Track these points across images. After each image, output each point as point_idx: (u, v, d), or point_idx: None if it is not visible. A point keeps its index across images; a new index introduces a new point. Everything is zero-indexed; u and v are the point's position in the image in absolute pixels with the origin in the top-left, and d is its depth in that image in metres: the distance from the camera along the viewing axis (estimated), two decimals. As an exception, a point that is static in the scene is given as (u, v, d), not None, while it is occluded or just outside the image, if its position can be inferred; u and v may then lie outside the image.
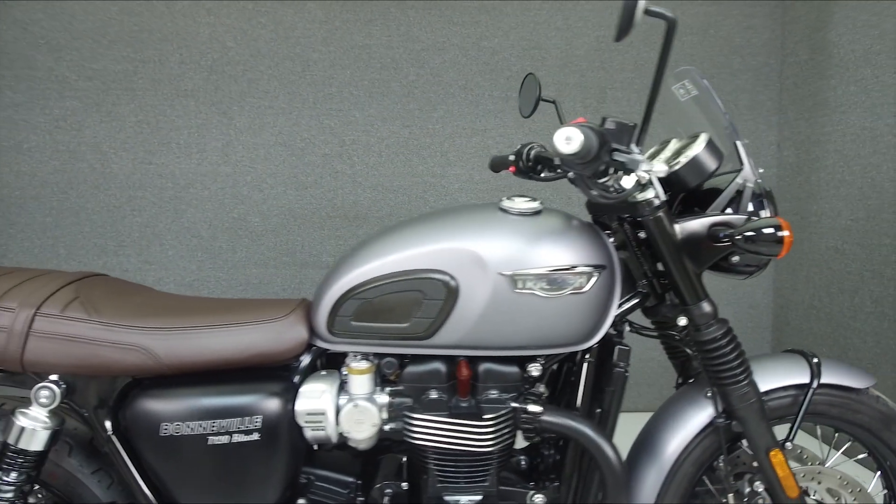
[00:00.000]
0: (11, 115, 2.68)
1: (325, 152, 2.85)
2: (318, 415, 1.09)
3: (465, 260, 1.07)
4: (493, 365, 1.12)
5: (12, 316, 1.04)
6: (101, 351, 1.05)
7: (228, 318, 1.11)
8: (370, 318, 1.09)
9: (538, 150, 1.36)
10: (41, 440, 1.05)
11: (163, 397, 1.07)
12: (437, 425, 1.08)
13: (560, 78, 2.92)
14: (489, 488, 1.11)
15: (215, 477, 1.07)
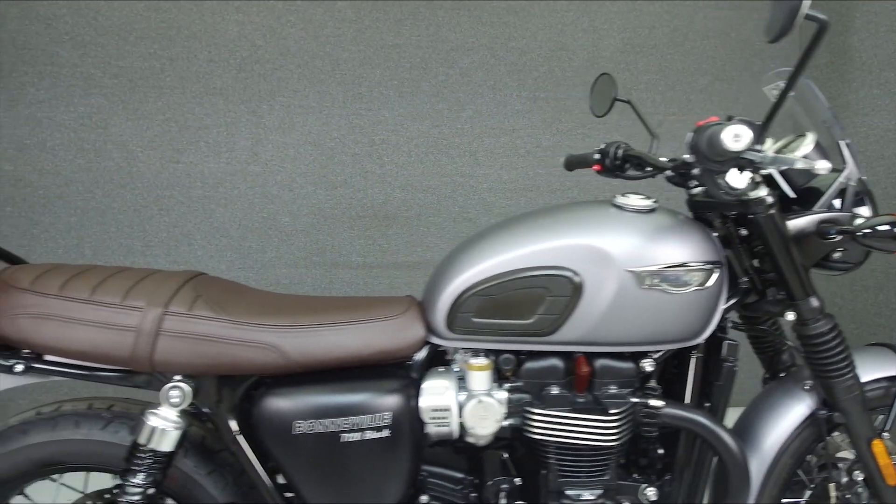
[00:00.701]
0: (35, 113, 2.62)
1: (355, 152, 2.84)
2: (444, 411, 1.10)
3: (591, 256, 1.09)
4: (609, 361, 1.14)
5: (141, 315, 1.02)
6: (232, 350, 1.04)
7: (349, 315, 1.11)
8: (493, 314, 1.10)
9: (626, 149, 1.38)
10: (171, 440, 1.04)
11: (294, 396, 1.06)
12: (561, 420, 1.09)
13: (586, 79, 2.94)
14: (609, 482, 1.13)
15: (346, 474, 1.07)
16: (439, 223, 2.91)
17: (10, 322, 1.01)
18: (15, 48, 2.58)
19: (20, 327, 1.01)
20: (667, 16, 2.98)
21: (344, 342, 1.08)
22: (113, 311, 1.02)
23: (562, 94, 2.93)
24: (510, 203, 2.94)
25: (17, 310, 1.01)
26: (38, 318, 1.01)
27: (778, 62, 3.01)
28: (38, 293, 1.02)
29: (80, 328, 1.01)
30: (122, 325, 1.02)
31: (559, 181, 2.96)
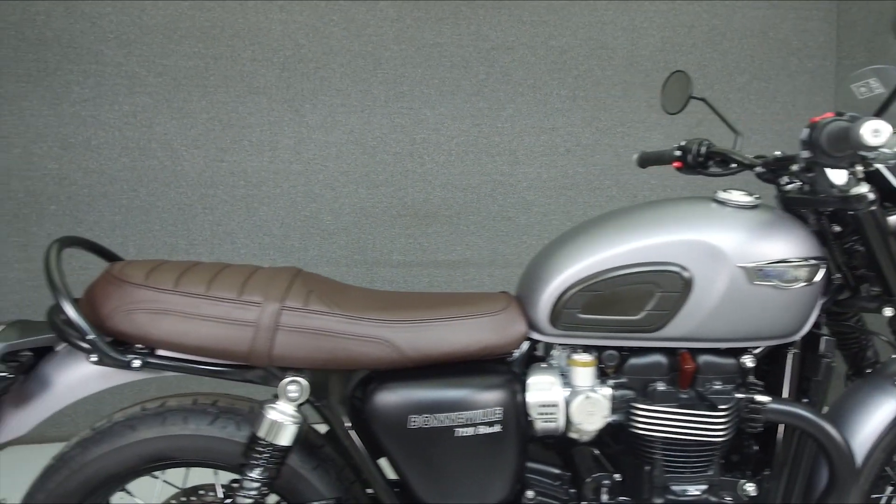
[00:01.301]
0: (79, 111, 2.62)
1: (396, 151, 2.84)
2: (551, 406, 1.10)
3: (701, 252, 1.09)
4: (712, 357, 1.15)
5: (259, 310, 1.03)
6: (347, 344, 1.05)
7: (454, 311, 1.11)
8: (600, 310, 1.11)
9: (710, 146, 1.38)
10: (289, 435, 1.04)
11: (409, 390, 1.07)
12: (668, 416, 1.10)
13: (625, 77, 2.96)
14: (713, 477, 1.14)
15: (459, 469, 1.07)
16: (479, 222, 2.92)
17: (126, 317, 1.01)
18: (60, 46, 2.59)
19: (138, 322, 1.01)
20: (706, 15, 2.98)
21: (452, 337, 1.09)
22: (231, 307, 1.03)
23: (602, 92, 2.94)
24: (550, 201, 2.95)
25: (133, 305, 1.02)
26: (156, 314, 1.01)
27: (816, 61, 3.03)
28: (154, 289, 1.03)
29: (199, 323, 1.02)
30: (241, 320, 1.02)
31: (598, 179, 2.97)
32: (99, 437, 1.10)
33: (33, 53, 2.57)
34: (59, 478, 1.09)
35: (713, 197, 1.22)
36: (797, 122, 3.10)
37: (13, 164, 2.59)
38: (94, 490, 1.10)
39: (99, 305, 1.03)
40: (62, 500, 1.09)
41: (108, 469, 1.09)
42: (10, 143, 2.59)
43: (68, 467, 1.09)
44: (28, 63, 2.57)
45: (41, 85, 2.59)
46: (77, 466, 1.09)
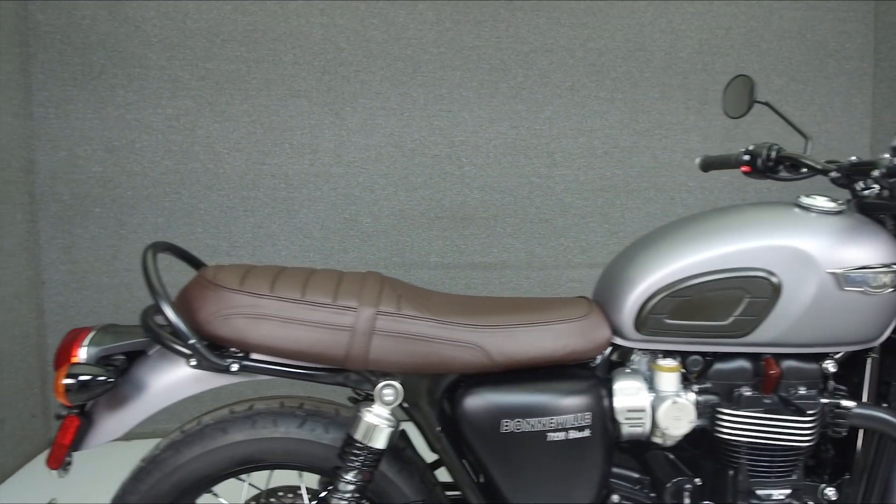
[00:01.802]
0: (123, 115, 2.65)
1: (435, 153, 2.85)
2: (639, 411, 1.11)
3: (791, 258, 1.10)
4: (795, 362, 1.15)
5: (355, 315, 1.04)
6: (440, 349, 1.06)
7: (540, 316, 1.12)
8: (687, 315, 1.11)
9: (780, 150, 1.38)
10: (384, 438, 1.05)
11: (501, 395, 1.08)
12: (755, 421, 1.11)
13: (663, 80, 2.96)
14: (797, 482, 1.14)
15: (548, 472, 1.08)
16: (516, 224, 2.93)
17: (224, 322, 1.03)
18: (105, 50, 2.61)
19: (236, 327, 1.03)
20: (743, 17, 2.98)
21: (540, 342, 1.10)
22: (328, 312, 1.04)
23: (640, 94, 2.94)
24: (587, 203, 2.95)
25: (231, 310, 1.03)
26: (254, 318, 1.03)
27: (853, 63, 3.01)
28: (252, 294, 1.04)
29: (296, 328, 1.03)
30: (338, 325, 1.03)
31: (636, 182, 2.97)
32: (190, 440, 1.11)
33: (79, 57, 2.60)
34: (152, 480, 1.10)
35: (796, 202, 1.22)
36: (834, 125, 3.09)
37: (58, 167, 2.62)
38: (185, 492, 1.12)
39: (196, 310, 1.04)
40: (154, 501, 1.10)
41: (199, 471, 1.11)
42: (56, 146, 2.62)
43: (160, 469, 1.11)
44: (73, 67, 2.60)
45: (86, 89, 2.62)
46: (169, 469, 1.10)
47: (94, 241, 2.68)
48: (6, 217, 2.41)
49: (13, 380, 2.44)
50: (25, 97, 2.55)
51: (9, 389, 2.41)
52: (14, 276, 2.46)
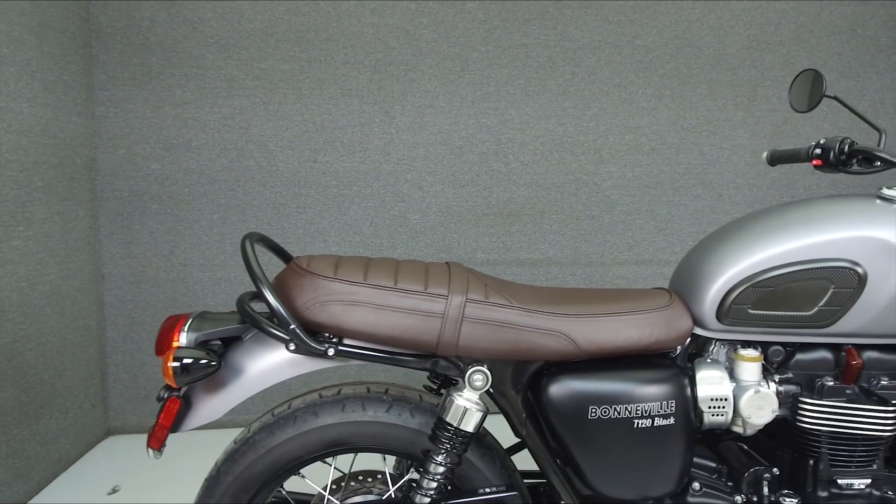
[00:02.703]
0: (181, 114, 2.72)
1: (482, 150, 2.88)
2: (722, 400, 1.13)
3: (875, 248, 1.11)
4: (877, 353, 1.16)
5: (446, 302, 1.07)
6: (527, 336, 1.08)
7: (624, 306, 1.14)
8: (771, 306, 1.13)
9: (853, 144, 1.38)
10: (474, 422, 1.09)
11: (588, 382, 1.10)
12: (837, 410, 1.12)
13: (711, 76, 2.95)
14: (877, 472, 1.15)
15: (634, 460, 1.10)
16: (562, 220, 2.94)
17: (322, 308, 1.07)
18: (163, 51, 2.69)
19: (332, 313, 1.07)
20: (793, 13, 2.96)
21: (625, 331, 1.12)
22: (420, 299, 1.07)
23: (687, 91, 2.94)
24: (634, 200, 2.96)
25: (327, 297, 1.07)
26: (349, 305, 1.07)
27: (906, 58, 2.97)
28: (347, 281, 1.08)
29: (390, 314, 1.06)
30: (430, 312, 1.07)
31: (683, 178, 2.97)
32: (283, 423, 1.16)
33: (138, 58, 2.68)
34: (247, 461, 1.15)
35: (878, 194, 1.23)
36: (885, 120, 3.05)
37: (118, 165, 2.70)
38: (278, 473, 1.16)
39: (294, 297, 1.08)
40: (249, 481, 1.15)
41: (291, 453, 1.15)
42: (116, 144, 2.70)
43: (255, 451, 1.15)
44: (133, 67, 2.68)
45: (145, 88, 2.70)
46: (263, 450, 1.15)
47: (152, 237, 2.75)
48: (70, 213, 2.49)
49: (76, 370, 2.53)
50: (88, 97, 2.64)
51: (72, 379, 2.50)
52: (77, 270, 2.54)
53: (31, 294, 2.23)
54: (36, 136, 2.26)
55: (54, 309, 2.37)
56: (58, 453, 2.39)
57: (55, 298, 2.38)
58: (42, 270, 2.30)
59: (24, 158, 2.20)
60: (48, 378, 2.32)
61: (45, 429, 2.30)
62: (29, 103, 2.22)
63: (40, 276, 2.29)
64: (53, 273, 2.37)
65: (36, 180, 2.27)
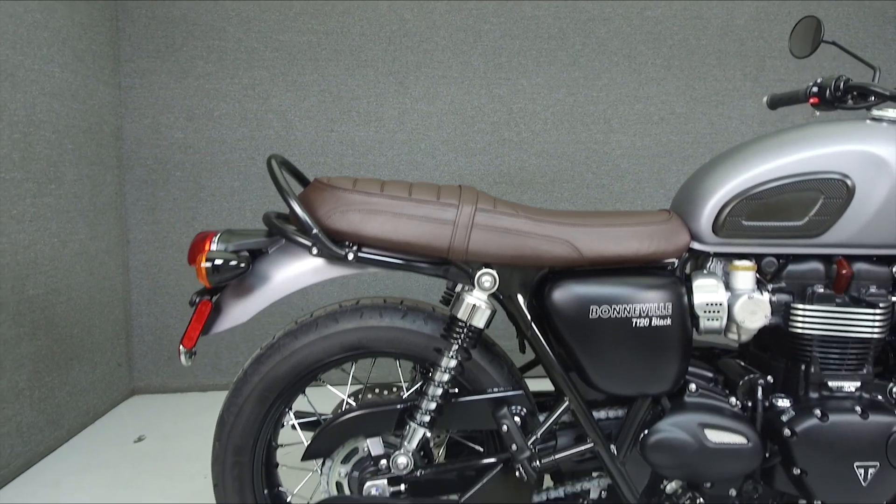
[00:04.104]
0: (203, 85, 2.82)
1: (494, 120, 2.96)
2: (716, 305, 1.19)
3: (865, 161, 1.17)
4: (866, 264, 1.22)
5: (456, 210, 1.15)
6: (533, 242, 1.16)
7: (627, 219, 1.21)
8: (764, 217, 1.19)
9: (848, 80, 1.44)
10: (484, 318, 1.16)
11: (589, 285, 1.18)
12: (828, 314, 1.18)
13: (720, 47, 3.01)
14: (866, 376, 1.21)
15: (633, 358, 1.17)
16: (573, 189, 3.01)
17: (342, 216, 1.15)
18: (186, 24, 2.79)
19: (352, 220, 1.15)
20: (800, -16, 3.01)
21: (626, 240, 1.19)
22: (433, 207, 1.15)
23: (696, 61, 3.00)
24: (643, 169, 3.02)
25: (347, 207, 1.15)
26: (368, 213, 1.15)
27: (913, 28, 3.01)
28: (365, 193, 1.16)
29: (405, 221, 1.14)
30: (442, 219, 1.14)
31: (692, 148, 3.02)
32: (305, 329, 1.24)
33: (162, 31, 2.79)
34: (272, 363, 1.23)
35: (868, 116, 1.29)
36: (893, 91, 3.09)
37: (143, 134, 2.81)
38: (300, 375, 1.24)
39: (315, 208, 1.17)
40: (273, 382, 1.23)
41: (313, 355, 1.23)
42: (141, 113, 2.80)
43: (280, 353, 1.23)
44: (157, 40, 2.79)
45: (169, 60, 2.80)
46: (288, 353, 1.23)
47: (176, 203, 2.86)
48: (98, 178, 2.60)
49: (103, 328, 2.63)
50: (115, 68, 2.74)
51: (99, 337, 2.60)
52: (105, 233, 2.65)
53: (63, 250, 2.34)
54: (67, 100, 2.37)
55: (83, 268, 2.48)
56: (86, 405, 2.49)
57: (84, 258, 2.49)
58: (72, 229, 2.40)
59: (56, 121, 2.30)
60: (77, 332, 2.43)
61: (74, 380, 2.41)
62: (60, 68, 2.33)
63: (70, 235, 2.39)
64: (83, 233, 2.48)
65: (67, 142, 2.37)
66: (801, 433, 1.16)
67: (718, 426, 1.18)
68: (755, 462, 1.18)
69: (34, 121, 2.17)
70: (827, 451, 1.15)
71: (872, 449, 1.15)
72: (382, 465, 1.20)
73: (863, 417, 1.16)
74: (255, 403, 1.23)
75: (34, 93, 2.17)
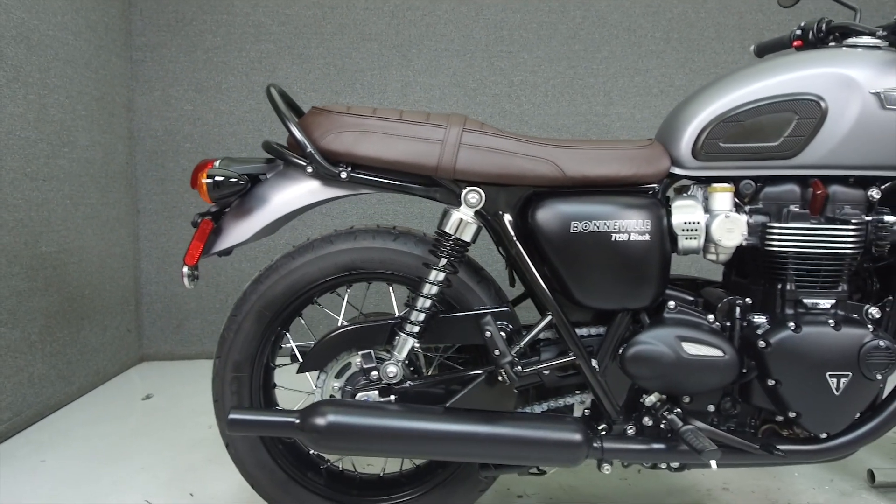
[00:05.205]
0: (212, 58, 2.90)
1: (495, 92, 3.01)
2: (694, 224, 1.24)
3: (837, 82, 1.21)
4: (842, 186, 1.26)
5: (445, 130, 1.21)
6: (518, 161, 1.21)
7: (608, 144, 1.26)
8: (741, 138, 1.23)
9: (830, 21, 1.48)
10: (471, 232, 1.21)
11: (571, 202, 1.22)
12: (802, 232, 1.21)
13: (719, 20, 3.04)
14: (840, 294, 1.24)
15: (613, 273, 1.21)
16: (573, 161, 3.05)
17: (336, 137, 1.21)
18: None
19: (346, 141, 1.20)
20: (799, -43, 3.04)
21: (608, 163, 1.23)
22: (422, 127, 1.20)
23: (695, 34, 3.03)
24: (643, 141, 3.05)
25: (341, 128, 1.21)
26: (361, 133, 1.20)
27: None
28: (358, 115, 1.22)
29: (396, 140, 1.20)
30: (431, 138, 1.20)
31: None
32: (302, 250, 1.30)
33: (172, 5, 2.86)
34: (270, 282, 1.29)
35: (843, 44, 1.33)
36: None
37: (153, 106, 2.89)
38: (297, 295, 1.29)
39: (311, 130, 1.23)
40: (271, 300, 1.28)
41: (310, 274, 1.28)
42: (152, 86, 2.88)
43: (277, 273, 1.29)
44: (167, 14, 2.87)
45: (178, 34, 2.88)
46: (285, 272, 1.28)
47: (185, 174, 2.93)
48: (110, 146, 2.68)
49: (113, 293, 2.71)
50: (126, 41, 2.83)
51: (110, 300, 2.68)
52: (115, 201, 2.73)
53: (75, 212, 2.42)
54: (80, 68, 2.45)
55: (94, 232, 2.56)
56: (96, 366, 2.57)
57: (96, 222, 2.56)
58: (84, 193, 2.48)
59: (69, 86, 2.38)
60: (88, 293, 2.50)
61: (84, 339, 2.48)
62: (74, 36, 2.41)
63: (82, 198, 2.47)
64: (94, 198, 2.55)
65: (80, 108, 2.45)
66: (774, 344, 1.20)
67: (695, 339, 1.22)
68: (731, 375, 1.22)
69: (48, 84, 2.25)
70: (800, 362, 1.19)
71: (844, 359, 1.19)
72: (374, 376, 1.25)
73: (835, 329, 1.20)
74: (253, 321, 1.29)
75: (48, 57, 2.25)
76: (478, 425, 1.16)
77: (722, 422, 1.30)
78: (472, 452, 1.17)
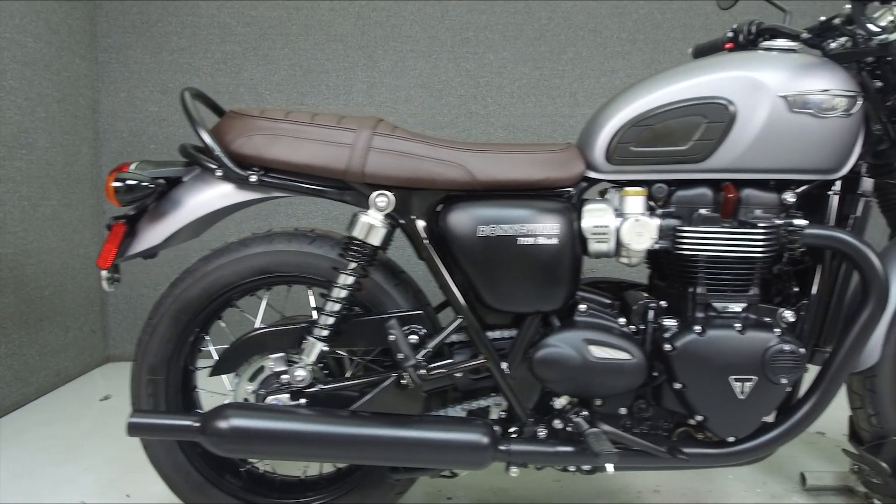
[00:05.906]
0: (177, 59, 2.91)
1: (461, 94, 3.01)
2: (604, 227, 1.23)
3: (745, 85, 1.21)
4: (754, 189, 1.25)
5: (355, 134, 1.21)
6: (427, 165, 1.21)
7: (521, 148, 1.26)
8: (651, 142, 1.23)
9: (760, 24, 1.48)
10: (379, 236, 1.22)
11: (478, 206, 1.22)
12: (711, 235, 1.21)
13: (685, 20, 3.04)
14: (752, 297, 1.24)
15: (521, 276, 1.21)
16: (540, 162, 3.05)
17: (247, 140, 1.21)
18: (161, 0, 2.88)
19: (257, 144, 1.21)
20: (766, -42, 3.03)
21: (519, 165, 1.23)
22: (332, 131, 1.21)
23: (661, 35, 3.03)
24: (609, 142, 3.05)
25: (252, 132, 1.21)
26: (271, 136, 1.21)
27: None
28: (270, 118, 1.22)
29: (306, 143, 1.20)
30: (340, 142, 1.20)
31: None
32: (218, 254, 1.30)
33: (137, 7, 2.87)
34: (185, 285, 1.29)
35: (758, 47, 1.33)
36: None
37: (118, 107, 2.90)
38: (213, 298, 1.29)
39: (224, 134, 1.23)
40: (187, 303, 1.29)
41: (225, 278, 1.29)
42: (117, 87, 2.89)
43: (192, 276, 1.29)
44: (133, 16, 2.88)
45: (144, 35, 2.89)
46: (200, 275, 1.29)
47: (150, 175, 2.93)
48: (73, 147, 2.69)
49: (76, 294, 2.72)
50: (91, 43, 2.84)
51: (72, 302, 2.68)
52: (79, 202, 2.73)
53: (34, 214, 2.42)
54: (40, 70, 2.46)
55: (56, 233, 2.56)
56: (57, 367, 2.58)
57: (57, 223, 2.57)
58: (43, 194, 2.49)
59: (28, 88, 2.39)
60: (48, 294, 2.51)
61: (44, 340, 2.49)
62: (33, 39, 2.42)
63: (42, 199, 2.48)
64: (55, 199, 2.56)
65: (39, 111, 2.46)
66: (679, 347, 1.20)
67: (602, 342, 1.22)
68: (639, 379, 1.22)
69: (4, 87, 2.26)
70: (703, 365, 1.19)
71: (749, 363, 1.19)
72: (284, 380, 1.25)
73: (741, 333, 1.20)
74: (168, 324, 1.29)
75: (5, 60, 2.26)
76: (381, 428, 1.17)
77: (635, 424, 1.30)
78: (375, 456, 1.17)
